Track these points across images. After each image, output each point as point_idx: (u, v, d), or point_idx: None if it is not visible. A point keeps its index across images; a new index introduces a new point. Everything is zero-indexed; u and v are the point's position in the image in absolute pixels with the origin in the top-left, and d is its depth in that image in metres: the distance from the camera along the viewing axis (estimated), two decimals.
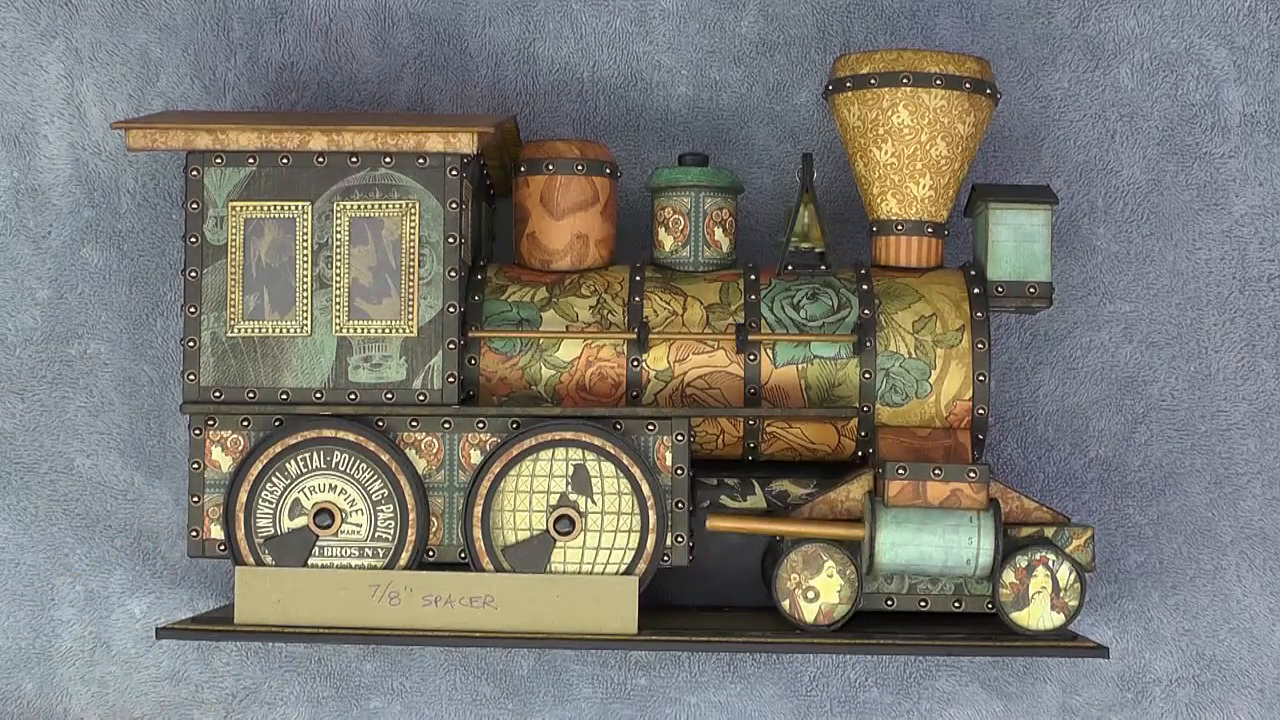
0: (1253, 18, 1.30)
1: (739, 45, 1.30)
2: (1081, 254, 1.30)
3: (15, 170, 1.30)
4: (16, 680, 1.30)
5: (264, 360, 1.14)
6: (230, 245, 1.14)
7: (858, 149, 1.20)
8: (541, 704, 1.29)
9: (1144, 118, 1.30)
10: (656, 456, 1.14)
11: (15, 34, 1.30)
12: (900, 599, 1.15)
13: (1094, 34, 1.30)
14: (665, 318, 1.17)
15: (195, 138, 1.13)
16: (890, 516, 1.11)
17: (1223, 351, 1.29)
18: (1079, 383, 1.30)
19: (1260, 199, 1.29)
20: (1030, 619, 1.13)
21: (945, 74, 1.17)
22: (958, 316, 1.17)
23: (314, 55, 1.30)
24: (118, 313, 1.30)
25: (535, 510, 1.14)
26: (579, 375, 1.16)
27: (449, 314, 1.14)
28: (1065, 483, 1.29)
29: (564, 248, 1.19)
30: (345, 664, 1.30)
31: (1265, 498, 1.29)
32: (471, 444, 1.14)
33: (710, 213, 1.19)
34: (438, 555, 1.15)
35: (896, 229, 1.20)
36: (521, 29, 1.31)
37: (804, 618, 1.14)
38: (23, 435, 1.30)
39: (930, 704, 1.29)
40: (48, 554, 1.30)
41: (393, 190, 1.14)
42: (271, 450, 1.14)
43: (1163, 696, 1.29)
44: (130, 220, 1.30)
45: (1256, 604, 1.29)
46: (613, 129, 1.30)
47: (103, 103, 1.30)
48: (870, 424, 1.16)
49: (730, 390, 1.16)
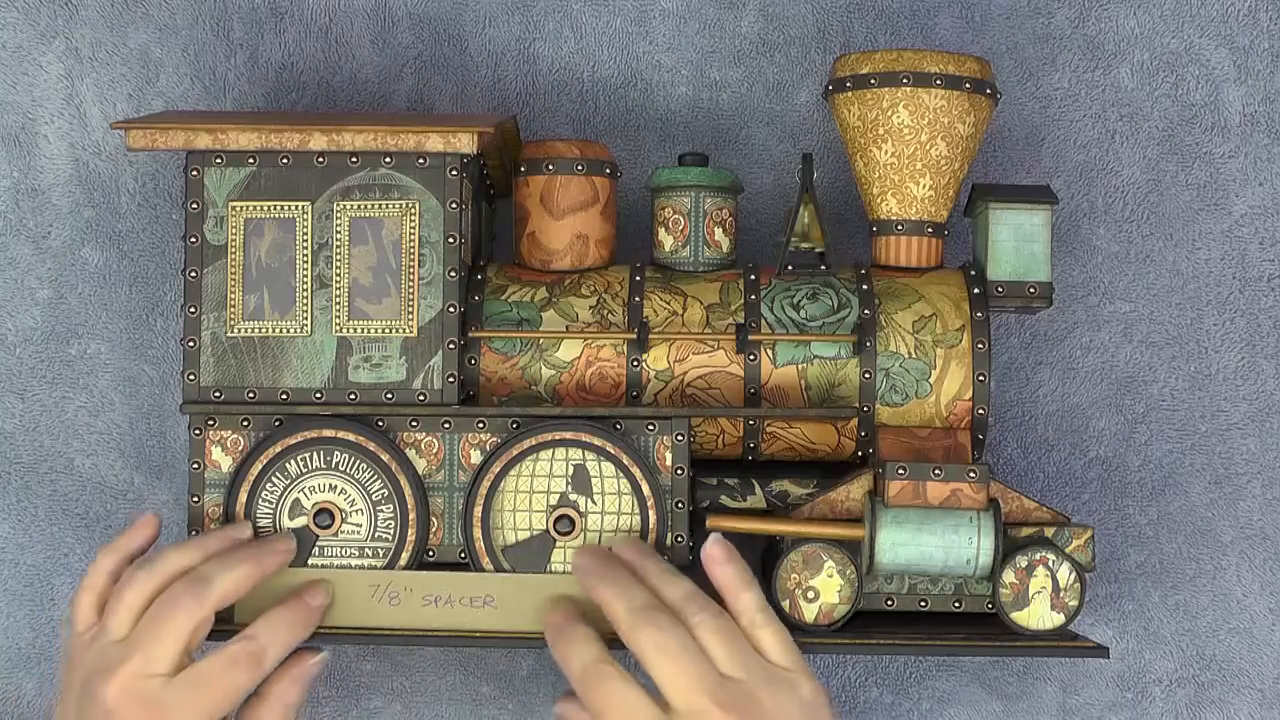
0: (1253, 18, 1.30)
1: (739, 45, 1.30)
2: (1081, 254, 1.30)
3: (15, 170, 1.30)
4: (16, 680, 1.30)
5: (264, 360, 1.14)
6: (230, 245, 1.14)
7: (858, 149, 1.20)
8: (541, 704, 1.29)
9: (1144, 118, 1.30)
10: (656, 456, 1.14)
11: (15, 34, 1.30)
12: (900, 599, 1.15)
13: (1094, 34, 1.30)
14: (665, 318, 1.17)
15: (195, 138, 1.13)
16: (890, 516, 1.11)
17: (1223, 351, 1.29)
18: (1079, 383, 1.30)
19: (1260, 199, 1.29)
20: (1030, 619, 1.13)
21: (945, 74, 1.17)
22: (958, 316, 1.17)
23: (314, 55, 1.30)
24: (118, 313, 1.30)
25: (535, 510, 1.14)
26: (579, 375, 1.16)
27: (449, 314, 1.14)
28: (1065, 483, 1.29)
29: (564, 248, 1.19)
30: (345, 664, 1.30)
31: (1265, 498, 1.29)
32: (471, 444, 1.14)
33: (710, 213, 1.19)
34: (438, 555, 1.15)
35: (896, 229, 1.20)
36: (521, 29, 1.31)
37: (804, 618, 1.14)
38: (23, 435, 1.30)
39: (930, 704, 1.29)
40: (48, 554, 1.30)
41: (393, 190, 1.14)
42: (271, 450, 1.14)
43: (1163, 696, 1.29)
44: (130, 220, 1.30)
45: (1256, 604, 1.29)
46: (613, 129, 1.30)
47: (103, 103, 1.30)
48: (870, 424, 1.16)
49: (730, 390, 1.16)
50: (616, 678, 1.06)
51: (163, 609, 1.08)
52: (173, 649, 1.07)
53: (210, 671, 1.07)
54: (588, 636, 1.08)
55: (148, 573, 1.09)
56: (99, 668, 1.08)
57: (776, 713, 1.05)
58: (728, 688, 1.05)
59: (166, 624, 1.07)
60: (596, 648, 1.07)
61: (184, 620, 1.07)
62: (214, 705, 1.07)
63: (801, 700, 1.06)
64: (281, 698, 1.12)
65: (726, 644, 1.06)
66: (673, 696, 1.04)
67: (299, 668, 1.12)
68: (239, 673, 1.08)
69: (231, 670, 1.08)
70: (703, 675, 1.04)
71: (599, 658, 1.06)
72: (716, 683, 1.05)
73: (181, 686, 1.07)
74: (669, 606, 1.07)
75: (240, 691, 1.08)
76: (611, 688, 1.05)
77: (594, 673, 1.06)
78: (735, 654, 1.06)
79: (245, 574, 1.09)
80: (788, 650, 1.08)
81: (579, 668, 1.07)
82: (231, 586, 1.09)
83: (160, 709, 1.06)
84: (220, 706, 1.08)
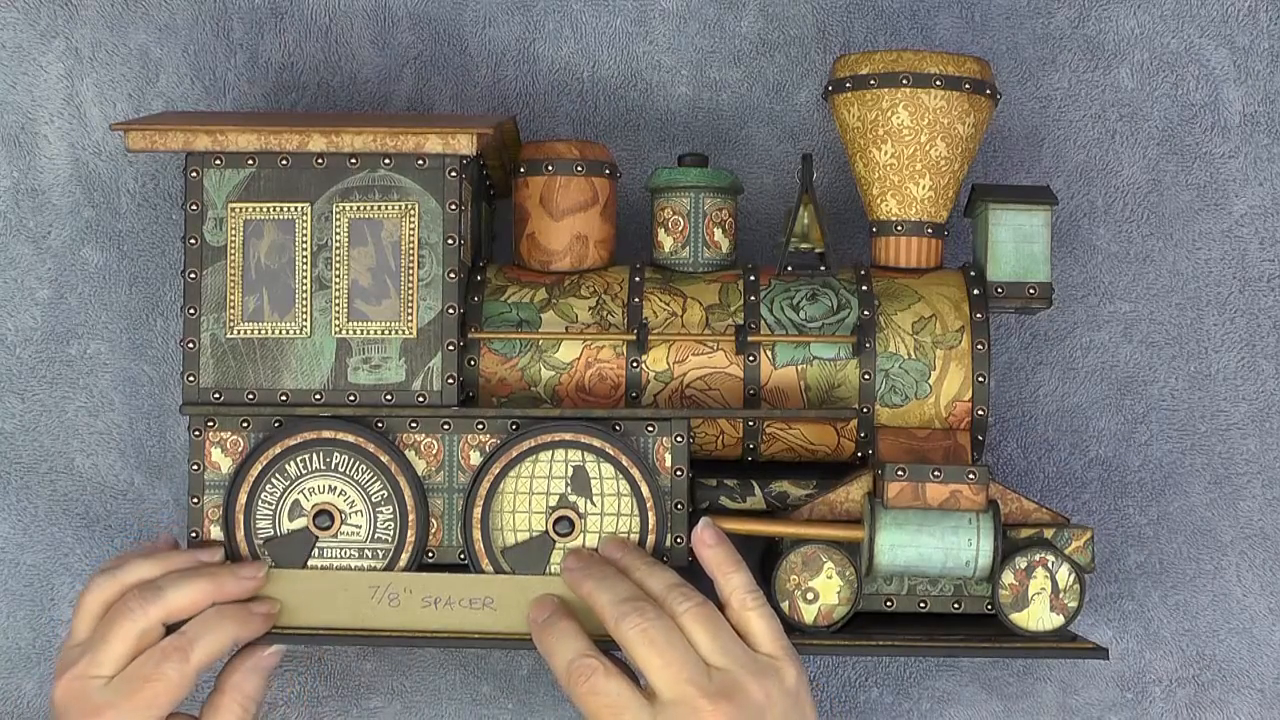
0: (1253, 18, 1.30)
1: (739, 45, 1.30)
2: (1081, 254, 1.30)
3: (15, 170, 1.30)
4: (16, 680, 1.30)
5: (263, 361, 1.14)
6: (230, 246, 1.14)
7: (857, 149, 1.20)
8: (541, 704, 1.30)
9: (1144, 118, 1.30)
10: (656, 457, 1.14)
11: (15, 34, 1.30)
12: (899, 600, 1.15)
13: (1094, 34, 1.30)
14: (665, 319, 1.17)
15: (195, 139, 1.13)
16: (890, 518, 1.11)
17: (1223, 351, 1.29)
18: (1079, 383, 1.30)
19: (1260, 199, 1.29)
20: (1030, 620, 1.13)
21: (945, 74, 1.17)
22: (957, 317, 1.17)
23: (314, 55, 1.30)
24: (118, 313, 1.30)
25: (535, 511, 1.14)
26: (578, 376, 1.16)
27: (448, 315, 1.13)
28: (1065, 483, 1.29)
29: (563, 248, 1.19)
30: (345, 664, 1.30)
31: (1265, 498, 1.29)
32: (471, 445, 1.14)
33: (710, 213, 1.19)
34: (437, 556, 1.15)
35: (896, 229, 1.19)
36: (521, 29, 1.31)
37: (803, 619, 1.14)
38: (23, 435, 1.30)
39: (930, 704, 1.29)
40: (48, 554, 1.30)
41: (392, 191, 1.14)
42: (271, 451, 1.14)
43: (1163, 696, 1.29)
44: (130, 220, 1.30)
45: (1256, 604, 1.29)
46: (613, 129, 1.30)
47: (103, 103, 1.30)
48: (870, 425, 1.16)
49: (730, 391, 1.16)
50: (601, 670, 1.06)
51: (113, 614, 1.11)
52: (117, 651, 1.10)
53: (141, 669, 1.09)
54: (572, 631, 1.09)
55: (110, 579, 1.12)
56: (59, 669, 1.11)
57: (762, 700, 1.06)
58: (714, 677, 1.06)
59: (113, 628, 1.10)
60: (581, 641, 1.08)
61: (129, 625, 1.10)
62: (149, 702, 1.09)
63: (785, 688, 1.07)
64: (238, 689, 1.13)
65: (711, 633, 1.07)
66: (659, 687, 1.05)
67: (253, 659, 1.13)
68: (168, 665, 1.09)
69: (161, 664, 1.09)
70: (688, 665, 1.05)
71: (583, 651, 1.07)
72: (702, 672, 1.06)
73: (116, 686, 1.09)
74: (654, 598, 1.08)
75: (173, 685, 1.09)
76: (596, 681, 1.06)
77: (579, 666, 1.07)
78: (720, 643, 1.07)
79: (199, 591, 1.11)
80: (775, 635, 1.09)
81: (563, 662, 1.07)
82: (184, 601, 1.11)
83: (97, 709, 1.09)
84: (156, 703, 1.09)
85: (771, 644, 1.09)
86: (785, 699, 1.07)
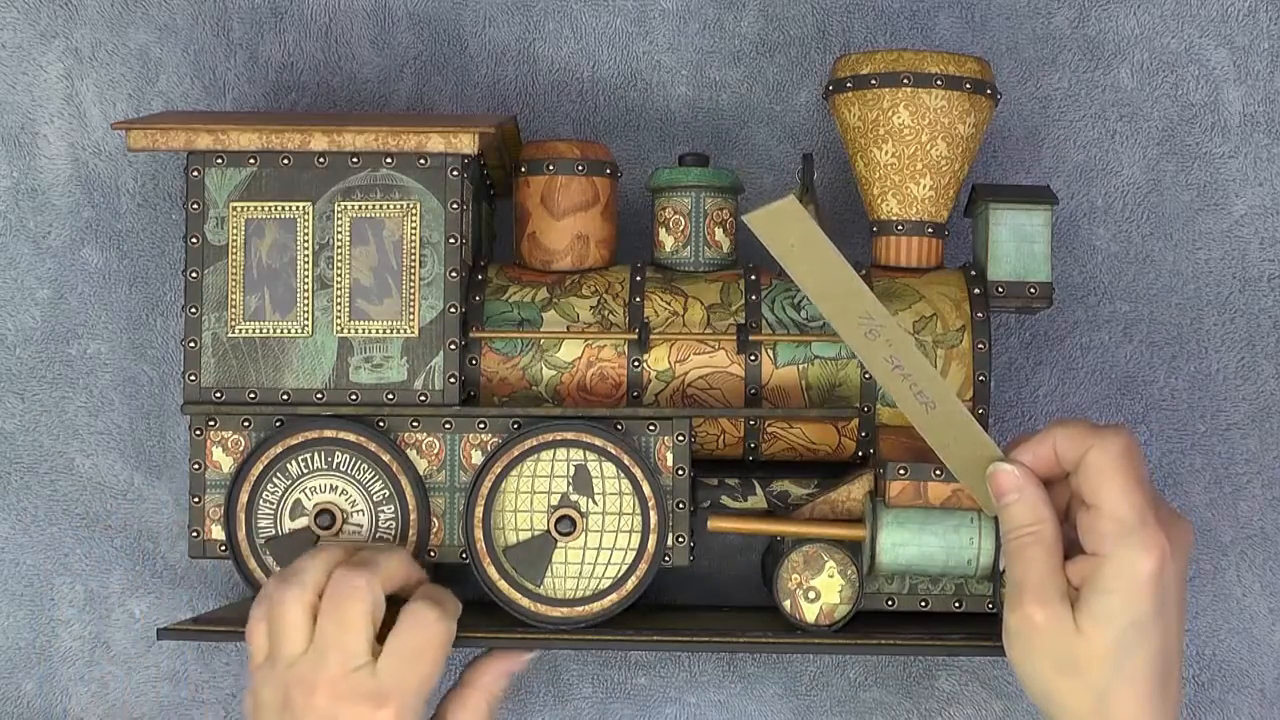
0: (1253, 18, 1.30)
1: (739, 45, 1.30)
2: (1081, 254, 1.30)
3: (15, 170, 1.30)
4: (16, 680, 1.30)
5: (265, 361, 1.14)
6: (231, 246, 1.14)
7: (858, 149, 1.20)
8: (541, 704, 1.29)
9: (1144, 118, 1.30)
10: (657, 457, 1.14)
11: (15, 34, 1.30)
12: (901, 599, 1.15)
13: (1094, 34, 1.30)
14: (666, 318, 1.17)
15: (196, 138, 1.13)
16: (891, 517, 1.11)
17: (1223, 351, 1.29)
18: (1079, 383, 1.30)
19: (1260, 199, 1.29)
20: None
21: (945, 74, 1.17)
22: (958, 317, 1.17)
23: (314, 55, 1.30)
24: (118, 313, 1.30)
25: (536, 510, 1.14)
26: (580, 375, 1.16)
27: (450, 314, 1.14)
28: None
29: (564, 248, 1.19)
30: None
31: (1265, 498, 1.29)
32: (472, 444, 1.14)
33: (710, 213, 1.19)
34: (439, 556, 1.15)
35: (896, 229, 1.20)
36: (521, 29, 1.31)
37: (805, 618, 1.14)
38: (23, 435, 1.30)
39: (931, 704, 1.29)
40: (48, 554, 1.30)
41: (393, 191, 1.14)
42: (272, 451, 1.14)
43: None
44: (130, 220, 1.30)
45: (1256, 604, 1.29)
46: (613, 129, 1.30)
47: (103, 103, 1.30)
48: (871, 424, 1.16)
49: (731, 390, 1.16)
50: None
51: (339, 603, 1.06)
52: (364, 637, 1.06)
53: (404, 643, 1.06)
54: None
55: (297, 587, 1.07)
56: (293, 687, 1.06)
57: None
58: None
59: (348, 614, 1.05)
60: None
61: (360, 606, 1.05)
62: (428, 670, 1.06)
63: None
64: (488, 689, 1.13)
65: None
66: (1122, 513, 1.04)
67: (508, 662, 1.14)
68: (431, 613, 1.07)
69: (424, 612, 1.07)
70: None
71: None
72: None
73: (388, 665, 1.06)
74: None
75: (435, 648, 1.07)
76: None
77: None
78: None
79: (400, 560, 1.09)
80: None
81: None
82: (395, 568, 1.08)
83: (382, 695, 1.05)
84: (431, 670, 1.06)
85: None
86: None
